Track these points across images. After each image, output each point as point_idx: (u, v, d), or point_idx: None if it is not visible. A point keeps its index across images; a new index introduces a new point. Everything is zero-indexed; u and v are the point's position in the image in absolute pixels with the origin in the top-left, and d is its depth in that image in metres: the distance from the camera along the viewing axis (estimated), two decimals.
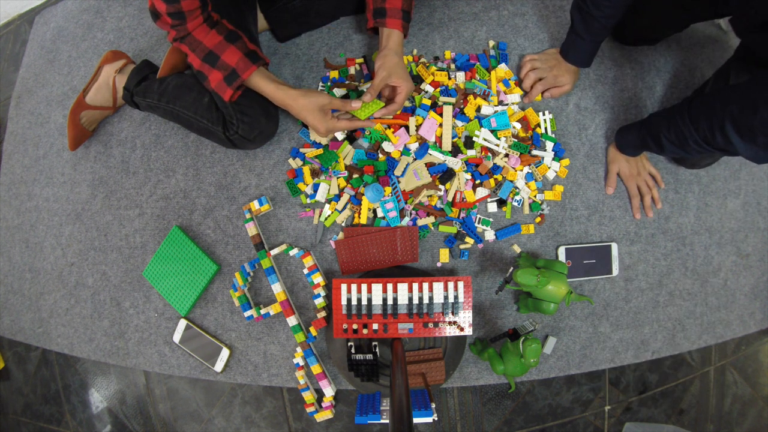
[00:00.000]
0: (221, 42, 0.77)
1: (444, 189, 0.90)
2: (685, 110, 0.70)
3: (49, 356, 1.11)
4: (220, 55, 0.77)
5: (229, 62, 0.77)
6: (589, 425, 0.94)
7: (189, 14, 0.72)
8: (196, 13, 0.73)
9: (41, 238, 1.10)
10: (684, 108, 0.71)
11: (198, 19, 0.74)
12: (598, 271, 0.92)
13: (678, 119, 0.72)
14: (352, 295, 0.80)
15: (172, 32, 0.76)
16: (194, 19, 0.74)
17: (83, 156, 1.09)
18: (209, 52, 0.77)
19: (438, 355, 0.83)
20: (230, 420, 0.97)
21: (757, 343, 1.01)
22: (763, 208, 1.00)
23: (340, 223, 0.92)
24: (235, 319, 0.95)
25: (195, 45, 0.77)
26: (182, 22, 0.73)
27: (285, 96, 0.80)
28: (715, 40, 1.00)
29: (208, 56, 0.77)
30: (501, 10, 1.01)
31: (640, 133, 0.83)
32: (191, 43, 0.76)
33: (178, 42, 0.77)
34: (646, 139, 0.81)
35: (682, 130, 0.71)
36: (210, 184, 0.99)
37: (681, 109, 0.72)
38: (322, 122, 0.81)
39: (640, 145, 0.85)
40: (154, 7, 0.71)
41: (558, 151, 0.93)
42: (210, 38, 0.76)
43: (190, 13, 0.72)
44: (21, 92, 1.22)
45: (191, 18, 0.73)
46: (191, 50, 0.77)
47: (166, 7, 0.69)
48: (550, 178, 0.93)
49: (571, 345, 0.92)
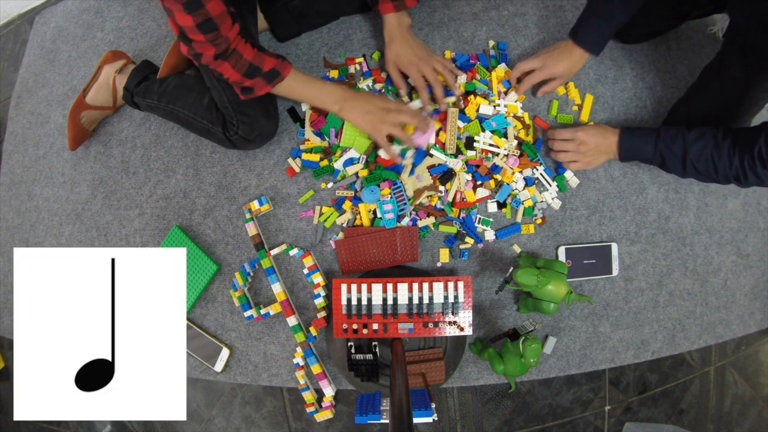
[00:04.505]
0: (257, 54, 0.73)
1: (444, 189, 0.90)
2: (730, 143, 0.71)
3: None
4: (261, 66, 0.74)
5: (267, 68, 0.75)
6: (589, 425, 0.94)
7: (219, 21, 0.65)
8: (228, 21, 0.67)
9: (41, 238, 1.10)
10: (726, 139, 0.71)
11: (234, 28, 0.68)
12: (598, 271, 0.92)
13: (715, 150, 0.72)
14: (352, 295, 0.80)
15: (210, 50, 0.68)
16: (230, 28, 0.67)
17: (83, 156, 1.09)
18: (249, 64, 0.73)
19: (438, 355, 0.83)
20: (230, 420, 0.97)
21: (757, 343, 1.01)
22: (763, 208, 1.00)
23: (340, 224, 0.92)
24: (235, 319, 0.95)
25: (237, 59, 0.71)
26: (217, 34, 0.66)
27: (342, 90, 0.79)
28: (715, 40, 1.00)
29: (249, 69, 0.73)
30: (501, 10, 1.01)
31: (656, 148, 0.79)
32: (235, 58, 0.71)
33: (219, 60, 0.70)
34: (664, 157, 0.78)
35: (715, 162, 0.72)
36: (210, 184, 0.99)
37: (719, 139, 0.72)
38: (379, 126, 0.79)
39: (651, 159, 0.80)
40: (180, 27, 0.64)
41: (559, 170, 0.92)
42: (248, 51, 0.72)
43: (221, 19, 0.65)
44: (21, 92, 1.22)
45: (226, 27, 0.66)
46: (232, 66, 0.72)
47: (193, 19, 0.62)
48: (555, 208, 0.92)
49: (571, 345, 0.92)
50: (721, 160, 0.72)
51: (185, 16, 0.62)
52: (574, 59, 0.84)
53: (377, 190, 0.87)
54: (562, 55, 0.85)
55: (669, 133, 0.77)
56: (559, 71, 0.86)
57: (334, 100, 0.81)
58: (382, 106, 0.80)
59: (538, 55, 0.88)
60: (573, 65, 0.85)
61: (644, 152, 0.81)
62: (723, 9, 0.83)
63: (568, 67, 0.85)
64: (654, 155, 0.79)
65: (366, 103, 0.81)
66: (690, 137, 0.75)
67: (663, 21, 0.90)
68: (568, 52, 0.84)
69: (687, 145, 0.75)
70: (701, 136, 0.74)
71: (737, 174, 0.71)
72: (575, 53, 0.84)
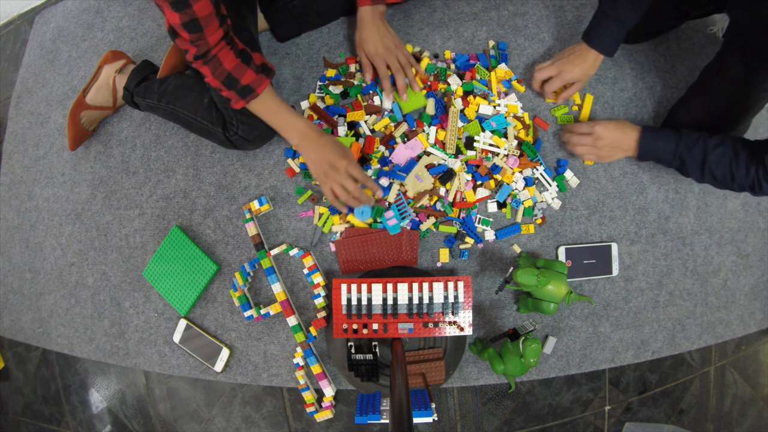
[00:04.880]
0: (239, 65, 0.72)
1: (445, 190, 0.90)
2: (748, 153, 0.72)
3: (49, 356, 1.11)
4: (239, 78, 0.73)
5: (245, 82, 0.74)
6: (589, 425, 0.94)
7: (205, 23, 0.65)
8: (214, 24, 0.66)
9: (41, 238, 1.10)
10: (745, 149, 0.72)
11: (218, 32, 0.68)
12: (598, 271, 0.92)
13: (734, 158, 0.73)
14: (352, 295, 0.80)
15: (192, 49, 0.68)
16: (214, 32, 0.67)
17: (83, 156, 1.09)
18: (228, 74, 0.72)
19: (438, 355, 0.83)
20: (230, 420, 0.97)
21: (757, 343, 1.01)
22: (763, 208, 1.00)
23: (336, 231, 0.91)
24: (235, 319, 0.95)
25: (216, 66, 0.71)
26: (200, 35, 0.66)
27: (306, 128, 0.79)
28: (715, 40, 1.00)
29: (228, 79, 0.73)
30: (501, 10, 1.01)
31: (677, 150, 0.78)
32: (215, 65, 0.71)
33: (200, 62, 0.70)
34: (684, 160, 0.78)
35: (733, 171, 0.73)
36: (210, 184, 0.99)
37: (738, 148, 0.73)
38: (324, 179, 0.79)
39: (670, 161, 0.80)
40: (169, 22, 0.65)
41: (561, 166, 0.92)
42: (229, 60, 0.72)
43: (206, 21, 0.65)
44: (21, 92, 1.22)
45: (210, 30, 0.66)
46: (212, 72, 0.72)
47: (179, 17, 0.63)
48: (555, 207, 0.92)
49: (571, 345, 0.92)
50: (739, 169, 0.73)
51: (173, 13, 0.63)
52: (589, 62, 0.84)
53: (368, 209, 0.87)
54: (577, 60, 0.85)
55: (691, 137, 0.77)
56: (576, 76, 0.86)
57: (296, 135, 0.80)
58: (332, 163, 0.78)
59: (553, 63, 0.88)
60: (589, 68, 0.85)
61: (665, 153, 0.80)
62: (723, 9, 0.83)
63: (584, 71, 0.85)
64: (674, 157, 0.79)
65: (319, 154, 0.79)
66: (711, 143, 0.75)
67: (663, 21, 0.90)
68: (583, 56, 0.84)
69: (708, 151, 0.75)
70: (722, 143, 0.74)
71: (753, 183, 0.72)
72: (590, 56, 0.84)
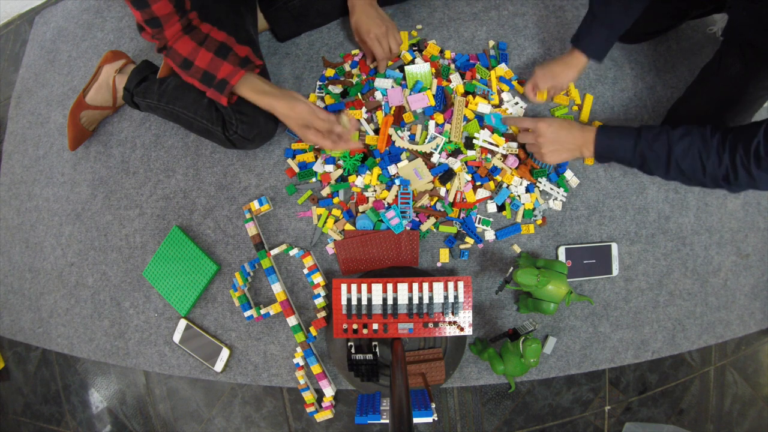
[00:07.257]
0: (195, 48, 0.73)
1: (445, 190, 0.90)
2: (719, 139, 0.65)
3: (49, 356, 1.11)
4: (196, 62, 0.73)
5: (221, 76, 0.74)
6: (589, 425, 0.94)
7: (164, 20, 0.69)
8: (173, 19, 0.69)
9: (41, 238, 1.10)
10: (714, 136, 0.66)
11: (176, 26, 0.70)
12: (598, 271, 0.92)
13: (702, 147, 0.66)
14: (352, 295, 0.80)
15: (155, 42, 0.73)
16: (171, 26, 0.70)
17: (83, 156, 1.09)
18: (184, 59, 0.73)
19: (438, 355, 0.83)
20: (230, 420, 0.97)
21: (757, 343, 1.01)
22: (763, 208, 1.00)
23: (337, 230, 0.91)
24: (235, 319, 0.95)
25: (175, 56, 0.73)
26: (160, 30, 0.70)
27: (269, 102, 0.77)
28: (715, 40, 1.00)
29: (184, 63, 0.73)
30: (501, 10, 1.01)
31: (636, 148, 0.72)
32: (173, 55, 0.73)
33: (164, 53, 0.74)
34: (645, 157, 0.72)
35: (703, 161, 0.66)
36: (210, 184, 0.99)
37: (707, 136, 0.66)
38: (303, 135, 0.80)
39: (630, 160, 0.74)
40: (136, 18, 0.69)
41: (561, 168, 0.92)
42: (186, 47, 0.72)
43: (165, 18, 0.69)
44: (21, 92, 1.22)
45: (168, 25, 0.70)
46: (173, 62, 0.74)
47: (141, 15, 0.67)
48: (556, 209, 0.92)
49: (571, 345, 0.92)
50: (710, 158, 0.66)
51: (135, 11, 0.68)
52: (580, 68, 0.85)
53: (369, 222, 0.88)
54: (567, 68, 0.85)
55: (651, 132, 0.71)
56: (568, 83, 0.87)
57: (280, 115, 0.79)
58: (300, 123, 0.79)
59: (544, 74, 0.87)
60: (578, 73, 0.86)
61: (623, 151, 0.74)
62: (723, 8, 0.83)
63: (575, 76, 0.86)
64: (633, 155, 0.73)
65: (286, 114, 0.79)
66: (675, 134, 0.69)
67: (663, 21, 0.91)
68: (573, 63, 0.85)
69: (671, 143, 0.69)
70: (687, 133, 0.68)
71: (726, 173, 0.65)
72: (579, 62, 0.84)
